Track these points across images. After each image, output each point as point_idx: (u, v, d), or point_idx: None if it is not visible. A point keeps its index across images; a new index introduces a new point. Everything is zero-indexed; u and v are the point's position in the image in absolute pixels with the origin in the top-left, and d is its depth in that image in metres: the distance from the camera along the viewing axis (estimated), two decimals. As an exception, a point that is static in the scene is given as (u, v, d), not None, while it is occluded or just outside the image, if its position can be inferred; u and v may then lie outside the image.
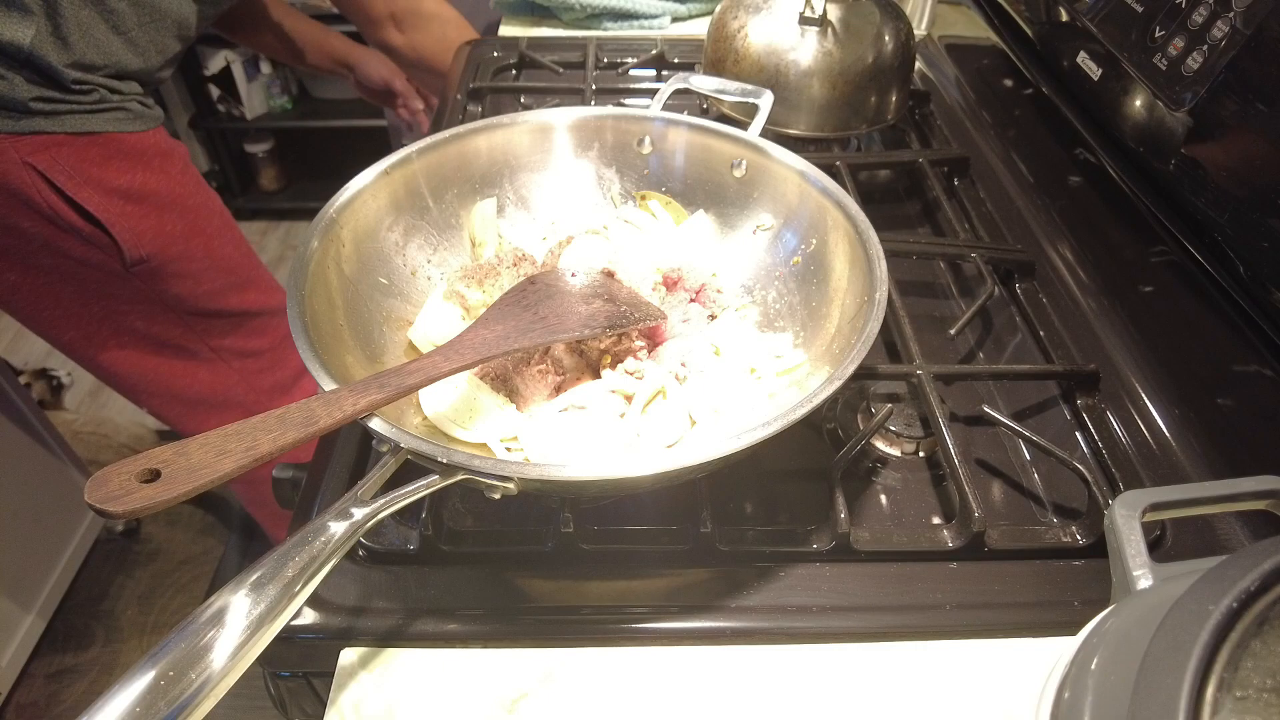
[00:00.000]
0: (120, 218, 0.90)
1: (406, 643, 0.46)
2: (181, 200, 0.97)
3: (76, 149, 0.86)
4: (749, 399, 0.53)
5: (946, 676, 0.45)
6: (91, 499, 0.33)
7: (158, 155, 0.94)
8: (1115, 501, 0.37)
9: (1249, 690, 0.25)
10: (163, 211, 0.94)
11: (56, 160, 0.85)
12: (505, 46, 1.08)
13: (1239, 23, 0.54)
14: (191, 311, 1.03)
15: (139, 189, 0.92)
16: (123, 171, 0.90)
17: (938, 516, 0.54)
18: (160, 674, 0.31)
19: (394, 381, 0.43)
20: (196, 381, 1.10)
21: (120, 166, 0.90)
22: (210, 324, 1.06)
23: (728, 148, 0.64)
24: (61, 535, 1.53)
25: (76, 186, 0.87)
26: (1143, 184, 0.65)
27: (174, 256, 0.96)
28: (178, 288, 0.99)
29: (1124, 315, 0.66)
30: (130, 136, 0.91)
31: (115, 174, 0.90)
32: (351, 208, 0.56)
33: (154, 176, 0.93)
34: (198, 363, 1.08)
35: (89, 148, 0.87)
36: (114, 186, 0.90)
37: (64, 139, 0.85)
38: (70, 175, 0.86)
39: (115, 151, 0.89)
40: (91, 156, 0.88)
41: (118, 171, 0.90)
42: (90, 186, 0.88)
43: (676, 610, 0.47)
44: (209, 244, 1.01)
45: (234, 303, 1.06)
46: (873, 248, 0.52)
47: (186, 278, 0.99)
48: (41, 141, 0.84)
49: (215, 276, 1.02)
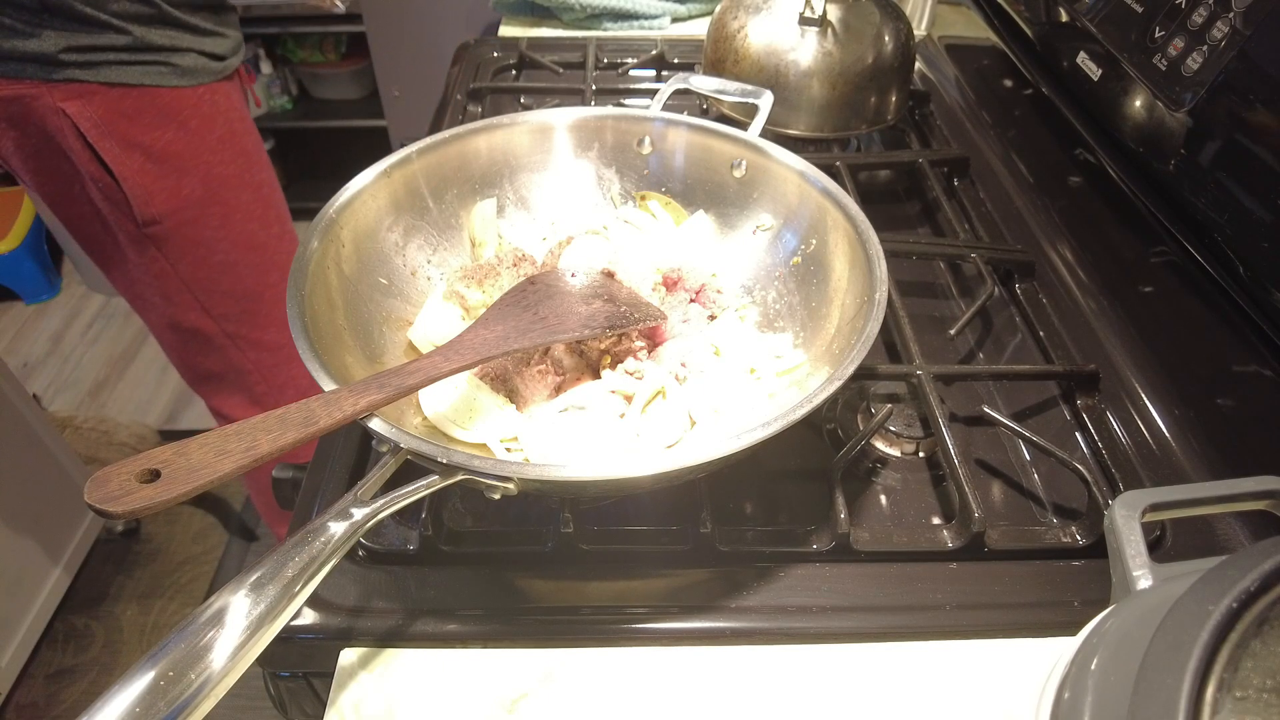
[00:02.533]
0: (135, 173, 0.90)
1: (406, 643, 0.46)
2: (207, 166, 0.96)
3: (110, 99, 0.86)
4: (749, 399, 0.53)
5: (946, 676, 0.45)
6: (91, 499, 0.33)
7: (196, 116, 0.93)
8: (1115, 502, 0.37)
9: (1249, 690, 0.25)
10: (182, 174, 0.94)
11: (86, 109, 0.85)
12: (505, 47, 1.08)
13: (1239, 23, 0.54)
14: (205, 288, 1.02)
15: (162, 148, 0.91)
16: (150, 128, 0.90)
17: (938, 517, 0.54)
18: (160, 674, 0.31)
19: (394, 382, 0.43)
20: (211, 362, 1.10)
21: (149, 122, 0.90)
22: (224, 306, 1.05)
23: (728, 148, 0.64)
24: (61, 535, 1.53)
25: (100, 136, 0.87)
26: (1143, 184, 0.65)
27: (187, 220, 0.96)
28: (190, 256, 0.99)
29: (1124, 315, 0.66)
30: (168, 92, 0.90)
31: (142, 130, 0.89)
32: (351, 208, 0.56)
33: (182, 137, 0.93)
34: (211, 346, 1.08)
35: (122, 99, 0.87)
36: (137, 141, 0.89)
37: (97, 88, 0.85)
38: (96, 124, 0.86)
39: (148, 105, 0.89)
40: (124, 109, 0.87)
41: (145, 127, 0.89)
42: (113, 138, 0.88)
43: (676, 610, 0.47)
44: (227, 214, 1.00)
45: (249, 282, 1.05)
46: (873, 248, 0.52)
47: (199, 245, 0.99)
48: (75, 89, 0.84)
49: (229, 249, 1.01)
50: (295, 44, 2.31)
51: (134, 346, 2.18)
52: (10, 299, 2.31)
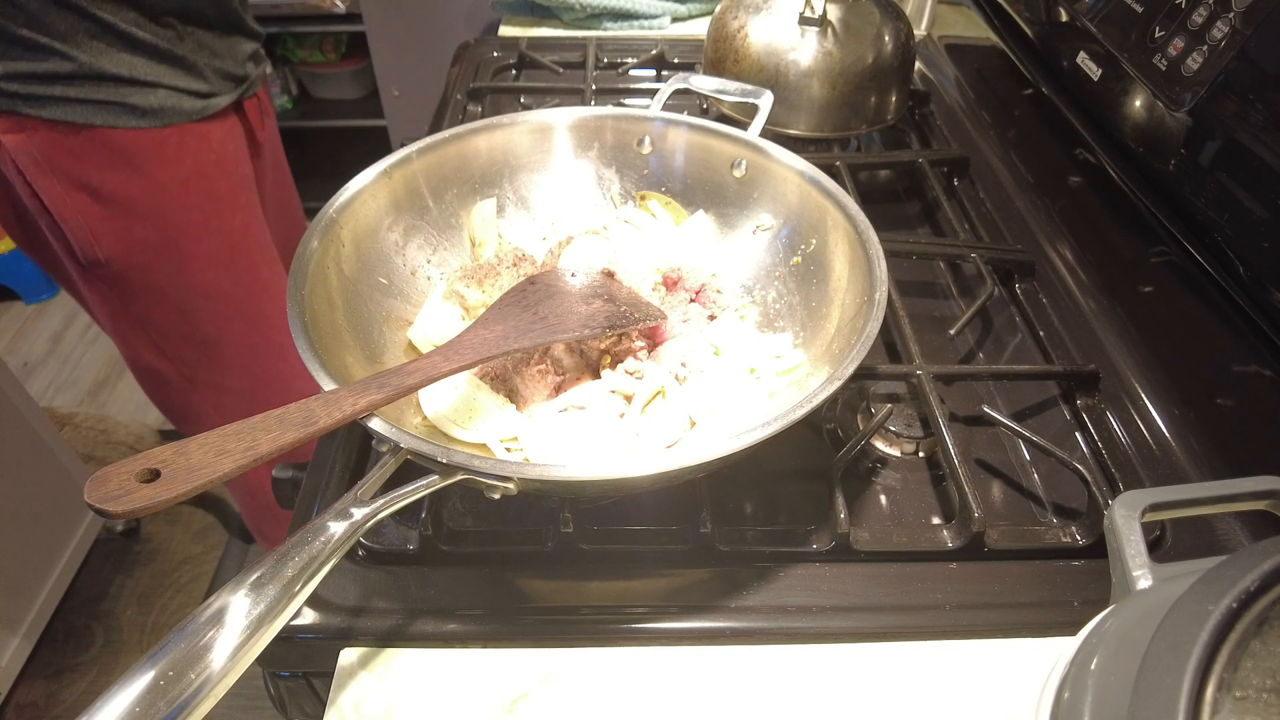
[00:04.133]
0: (77, 214, 0.83)
1: (406, 643, 0.46)
2: (164, 212, 0.88)
3: (54, 135, 0.79)
4: (749, 399, 0.53)
5: (946, 676, 0.45)
6: (91, 499, 0.33)
7: (156, 160, 0.85)
8: (1115, 502, 0.37)
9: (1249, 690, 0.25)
10: (134, 218, 0.86)
11: (26, 143, 0.79)
12: (505, 46, 1.08)
13: (1239, 23, 0.54)
14: (160, 330, 0.95)
15: (111, 191, 0.84)
16: (99, 168, 0.82)
17: (938, 516, 0.54)
18: (160, 674, 0.31)
19: (394, 382, 0.43)
20: (172, 401, 1.04)
21: (98, 162, 0.82)
22: (181, 349, 0.97)
23: (728, 148, 0.64)
24: (61, 535, 1.53)
25: (40, 174, 0.80)
26: (1143, 184, 0.65)
27: (138, 265, 0.88)
28: (144, 299, 0.91)
29: (1124, 315, 0.66)
30: (123, 133, 0.82)
31: (90, 169, 0.82)
32: (351, 208, 0.56)
33: (136, 181, 0.85)
34: (171, 388, 1.01)
35: (69, 136, 0.80)
36: (83, 181, 0.82)
37: (41, 123, 0.79)
38: (35, 160, 0.80)
39: (98, 146, 0.82)
40: (69, 145, 0.80)
41: (94, 167, 0.82)
42: (54, 176, 0.81)
43: (676, 610, 0.47)
44: (185, 261, 0.91)
45: (208, 329, 0.97)
46: (873, 248, 0.52)
47: (152, 289, 0.91)
48: (15, 121, 0.78)
49: (186, 295, 0.93)
50: (295, 44, 2.31)
51: (134, 346, 2.17)
52: (10, 299, 2.31)
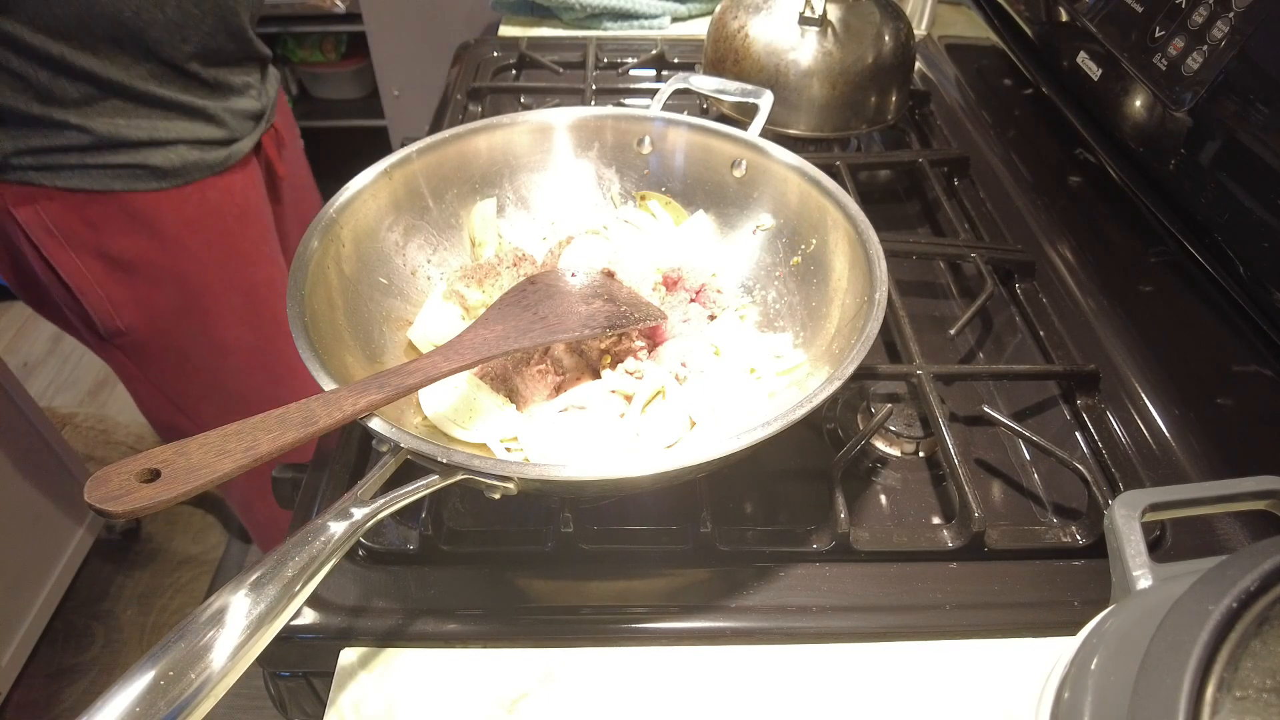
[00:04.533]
0: (97, 285, 0.80)
1: (406, 643, 0.46)
2: (185, 274, 0.84)
3: (69, 204, 0.76)
4: (749, 399, 0.53)
5: (946, 676, 0.45)
6: (91, 499, 0.33)
7: (177, 221, 0.81)
8: (1115, 501, 0.37)
9: (1249, 690, 0.25)
10: (155, 284, 0.83)
11: (39, 215, 0.75)
12: (505, 46, 1.08)
13: (1239, 23, 0.54)
14: (180, 391, 0.92)
15: (131, 258, 0.80)
16: (117, 235, 0.78)
17: (938, 516, 0.54)
18: (160, 674, 0.31)
19: (394, 381, 0.43)
20: None
21: (116, 229, 0.78)
22: (202, 407, 0.94)
23: (728, 148, 0.64)
24: (61, 535, 1.53)
25: (55, 247, 0.77)
26: (1143, 184, 0.65)
27: (159, 331, 0.86)
28: (162, 364, 0.89)
29: (1124, 315, 0.66)
30: (142, 196, 0.78)
31: (108, 237, 0.78)
32: (351, 208, 0.56)
33: (157, 245, 0.81)
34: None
35: (86, 205, 0.76)
36: (101, 250, 0.78)
37: (55, 193, 0.75)
38: (49, 232, 0.76)
39: (117, 211, 0.78)
40: (86, 215, 0.76)
41: (111, 235, 0.78)
42: (70, 248, 0.77)
43: (676, 610, 0.47)
44: (207, 321, 0.88)
45: (231, 386, 0.94)
46: (873, 248, 0.52)
47: (173, 352, 0.88)
48: (27, 192, 0.74)
49: (208, 354, 0.91)
50: (295, 44, 2.30)
51: (134, 346, 2.17)
52: (10, 299, 2.31)
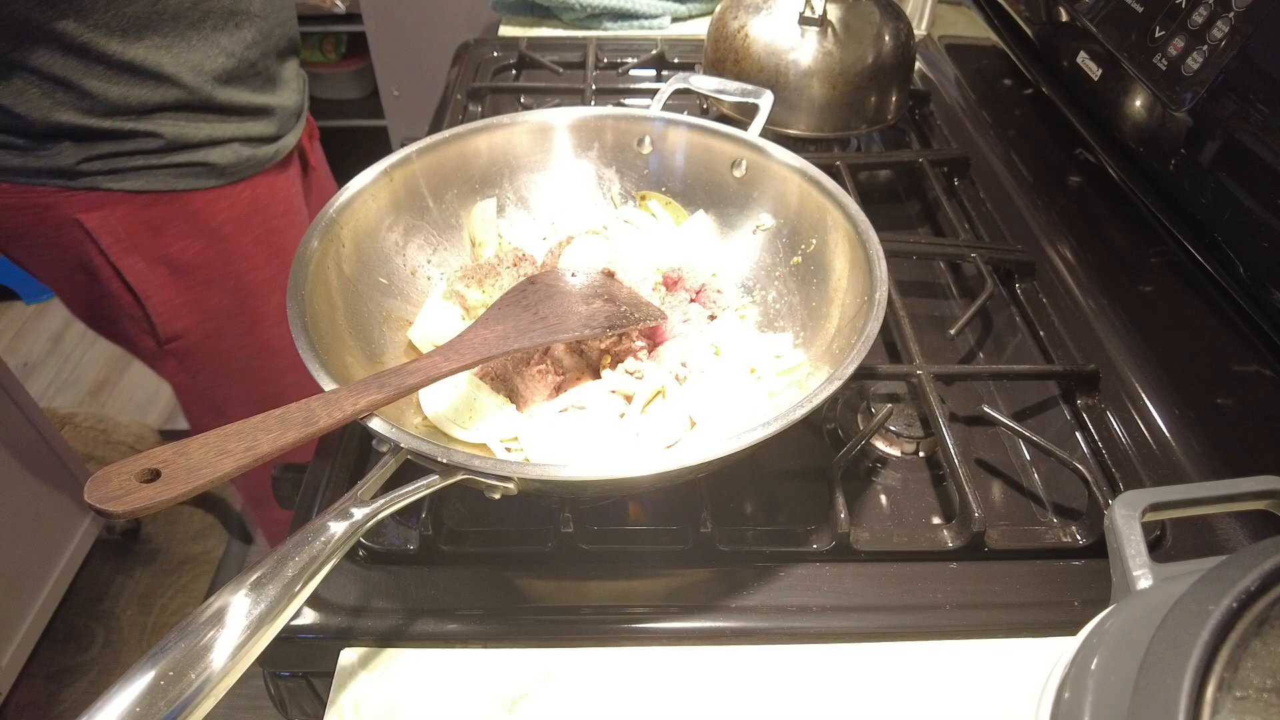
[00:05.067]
0: (159, 289, 0.81)
1: (406, 643, 0.46)
2: (238, 274, 0.87)
3: (134, 209, 0.77)
4: (749, 399, 0.53)
5: (946, 676, 0.45)
6: (91, 499, 0.33)
7: (230, 220, 0.83)
8: (1115, 501, 0.37)
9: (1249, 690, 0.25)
10: (209, 285, 0.85)
11: (107, 221, 0.76)
12: (505, 46, 1.08)
13: (1239, 23, 0.54)
14: (223, 395, 0.95)
15: (189, 260, 0.82)
16: (177, 238, 0.80)
17: (938, 516, 0.54)
18: (160, 674, 0.31)
19: (394, 381, 0.43)
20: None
21: (177, 232, 0.80)
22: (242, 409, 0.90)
23: (728, 148, 0.64)
24: (61, 535, 1.53)
25: (122, 252, 0.78)
26: (1143, 184, 0.65)
27: (210, 333, 0.88)
28: (210, 368, 0.91)
29: (1124, 315, 0.66)
30: (200, 196, 0.80)
31: (169, 241, 0.80)
32: (351, 208, 0.56)
33: (212, 246, 0.83)
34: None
35: (149, 208, 0.77)
36: (163, 255, 0.80)
37: (121, 196, 0.76)
38: (118, 239, 0.77)
39: (177, 212, 0.79)
40: (149, 219, 0.78)
41: (172, 238, 0.80)
42: (136, 253, 0.78)
43: (676, 610, 0.47)
44: (255, 321, 0.91)
45: (270, 386, 0.97)
46: (873, 248, 0.52)
47: (220, 356, 0.91)
48: (95, 198, 0.75)
49: (252, 356, 0.94)
50: (295, 44, 2.30)
51: (134, 346, 2.18)
52: (10, 299, 2.31)
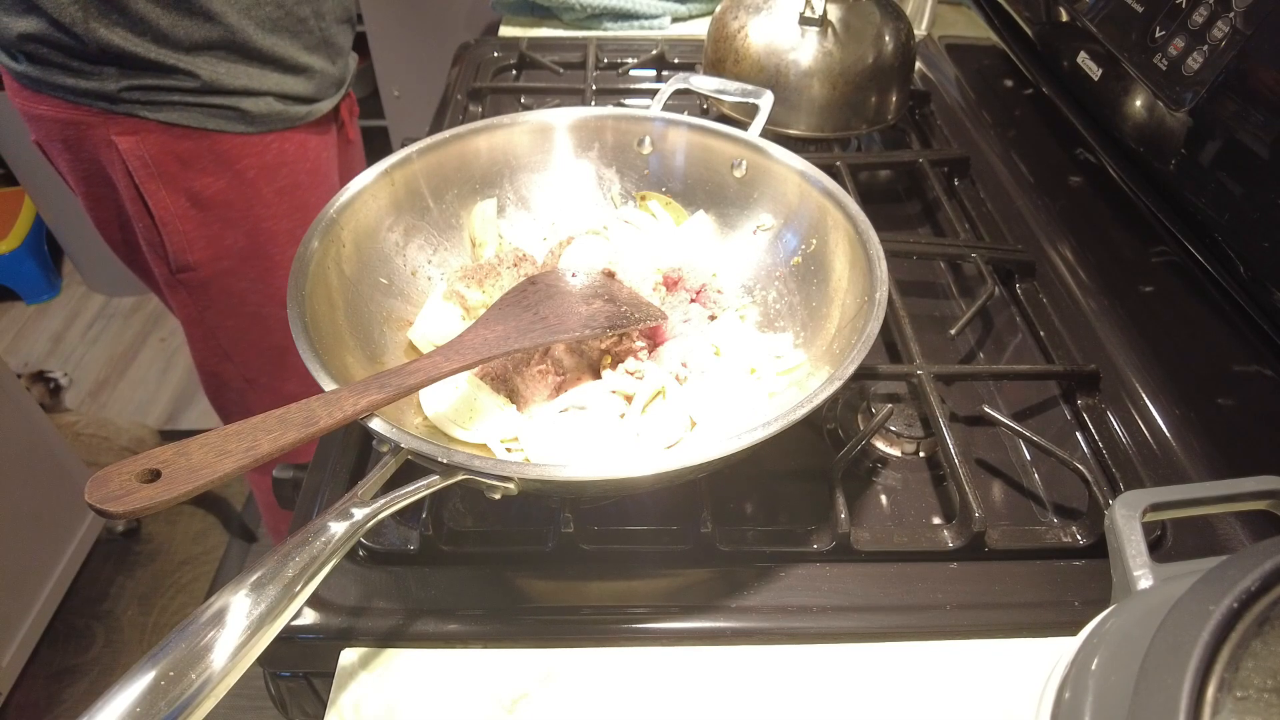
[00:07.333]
0: (177, 219, 0.86)
1: (406, 643, 0.46)
2: (257, 219, 0.90)
3: (166, 139, 0.82)
4: (749, 399, 0.53)
5: (946, 676, 0.45)
6: (92, 499, 0.33)
7: (256, 166, 0.87)
8: (1115, 501, 0.37)
9: (1249, 690, 0.25)
10: (228, 225, 0.89)
11: (139, 146, 0.81)
12: (505, 47, 1.08)
13: (1239, 23, 0.54)
14: (231, 337, 0.98)
15: (211, 196, 0.86)
16: (202, 173, 0.85)
17: (938, 516, 0.54)
18: (160, 674, 0.31)
19: (394, 382, 0.43)
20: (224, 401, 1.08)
21: (202, 167, 0.85)
22: (248, 355, 1.00)
23: (728, 148, 0.64)
24: (61, 535, 1.53)
25: (147, 176, 0.83)
26: (1143, 184, 0.65)
27: (223, 271, 0.92)
28: (220, 305, 0.94)
29: (1124, 315, 0.66)
30: (230, 138, 0.84)
31: (194, 175, 0.84)
32: (352, 208, 0.56)
33: (235, 187, 0.87)
34: (229, 390, 1.05)
35: (180, 141, 0.82)
36: (186, 186, 0.85)
37: (155, 126, 0.81)
38: (145, 163, 0.82)
39: (206, 151, 0.84)
40: (178, 151, 0.83)
41: (197, 173, 0.85)
42: (160, 180, 0.83)
43: (676, 610, 0.47)
44: (269, 269, 0.94)
45: (278, 336, 0.99)
46: (873, 248, 0.52)
47: (232, 295, 0.94)
48: (132, 124, 0.81)
49: (263, 302, 0.97)
50: (295, 44, 2.30)
51: (134, 346, 2.18)
52: (11, 299, 2.31)
